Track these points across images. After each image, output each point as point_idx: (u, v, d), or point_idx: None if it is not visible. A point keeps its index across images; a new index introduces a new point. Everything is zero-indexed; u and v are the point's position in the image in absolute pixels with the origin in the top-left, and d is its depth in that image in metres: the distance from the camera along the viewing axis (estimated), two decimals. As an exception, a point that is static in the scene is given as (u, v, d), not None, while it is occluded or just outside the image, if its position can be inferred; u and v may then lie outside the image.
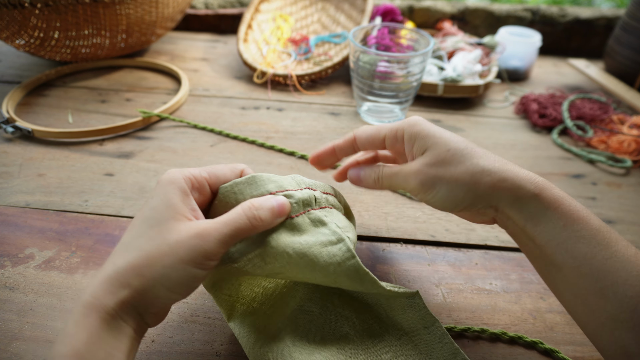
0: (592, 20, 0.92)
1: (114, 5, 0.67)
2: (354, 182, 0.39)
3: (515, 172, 0.32)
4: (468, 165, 0.32)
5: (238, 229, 0.29)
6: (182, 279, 0.27)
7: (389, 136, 0.36)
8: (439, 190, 0.33)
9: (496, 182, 0.31)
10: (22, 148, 0.59)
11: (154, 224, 0.28)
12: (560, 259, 0.30)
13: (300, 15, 0.89)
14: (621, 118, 0.68)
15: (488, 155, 0.33)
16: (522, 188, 0.31)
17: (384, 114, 0.66)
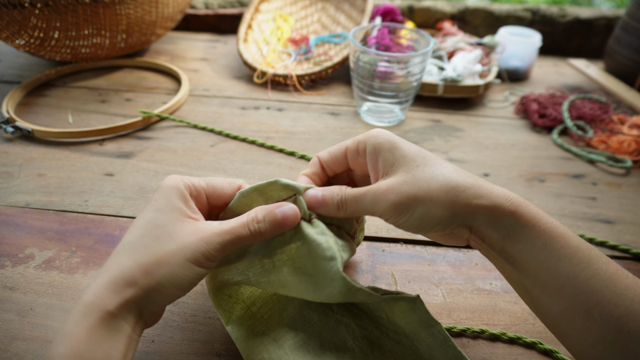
0: (592, 20, 0.92)
1: (114, 5, 0.67)
2: (313, 207, 0.32)
3: (489, 188, 0.30)
4: (441, 181, 0.29)
5: (238, 237, 0.30)
6: (187, 276, 0.28)
7: (350, 149, 0.33)
8: (414, 211, 0.29)
9: (472, 200, 0.29)
10: (22, 148, 0.59)
11: (159, 224, 0.29)
12: (542, 279, 0.28)
13: (300, 15, 0.89)
14: (621, 118, 0.68)
15: (457, 169, 0.31)
16: (498, 206, 0.29)
17: (384, 114, 0.66)
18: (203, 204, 0.33)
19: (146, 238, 0.29)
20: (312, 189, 0.32)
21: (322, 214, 0.32)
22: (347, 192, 0.32)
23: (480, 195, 0.29)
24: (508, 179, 0.57)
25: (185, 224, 0.29)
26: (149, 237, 0.29)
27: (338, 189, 0.32)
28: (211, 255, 0.29)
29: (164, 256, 0.28)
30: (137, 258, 0.28)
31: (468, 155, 0.61)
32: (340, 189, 0.32)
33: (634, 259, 0.47)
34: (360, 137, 0.33)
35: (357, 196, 0.31)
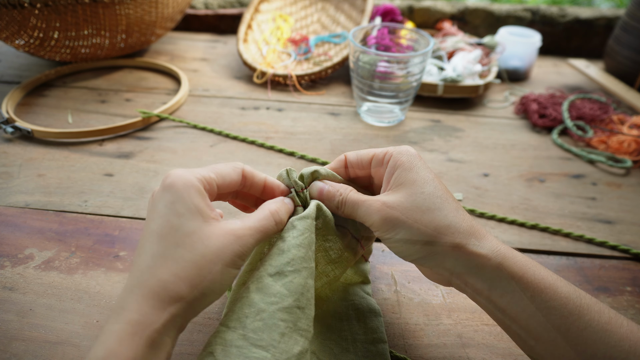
0: (592, 20, 0.92)
1: (113, 6, 0.67)
2: (314, 196, 0.34)
3: (481, 237, 0.30)
4: (436, 216, 0.30)
5: (267, 230, 0.30)
6: (227, 281, 0.28)
7: (376, 157, 0.34)
8: (397, 233, 0.30)
9: (457, 244, 0.29)
10: (21, 148, 0.59)
11: (189, 232, 0.27)
12: (535, 331, 0.28)
13: (300, 15, 0.89)
14: (621, 118, 0.68)
15: (460, 212, 0.31)
16: (483, 256, 0.29)
17: (384, 114, 0.66)
18: (214, 195, 0.31)
19: (181, 249, 0.27)
20: (319, 182, 0.34)
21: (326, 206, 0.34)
22: (349, 196, 0.33)
23: (467, 243, 0.29)
24: (508, 179, 0.57)
25: (213, 227, 0.28)
26: (184, 247, 0.27)
27: (343, 189, 0.33)
28: (245, 255, 0.29)
29: (205, 266, 0.27)
30: (178, 272, 0.26)
31: (468, 156, 0.61)
32: (345, 190, 0.33)
33: (634, 259, 0.47)
34: (389, 149, 0.34)
35: (355, 202, 0.32)
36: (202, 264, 0.27)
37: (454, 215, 0.30)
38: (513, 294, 0.28)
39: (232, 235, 0.28)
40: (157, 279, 0.26)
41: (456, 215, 0.30)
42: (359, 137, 0.64)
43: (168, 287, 0.26)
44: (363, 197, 0.32)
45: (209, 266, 0.27)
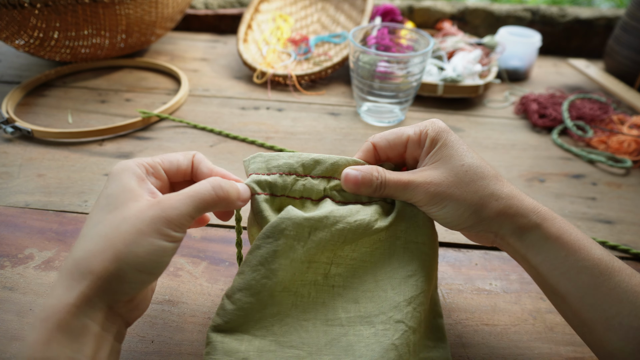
0: (592, 20, 0.92)
1: (113, 6, 0.67)
2: (349, 186, 0.33)
3: (521, 200, 0.31)
4: (478, 186, 0.31)
5: (203, 200, 0.28)
6: (148, 253, 0.26)
7: (412, 139, 0.34)
8: (445, 206, 0.32)
9: (501, 209, 0.31)
10: (21, 148, 0.59)
11: (112, 209, 0.27)
12: (564, 288, 0.30)
13: (300, 15, 0.89)
14: (621, 118, 0.68)
15: (499, 179, 0.32)
16: (525, 217, 0.31)
17: (384, 114, 0.66)
18: (163, 180, 0.31)
19: (99, 225, 0.27)
20: (350, 171, 0.33)
21: (360, 193, 0.34)
22: (388, 176, 0.33)
23: (510, 206, 0.31)
24: (508, 179, 0.57)
25: (140, 202, 0.27)
26: (102, 223, 0.27)
27: (376, 171, 0.33)
28: (171, 222, 0.27)
29: (118, 237, 0.26)
30: (89, 247, 0.26)
31: (468, 156, 0.61)
32: (378, 171, 0.33)
33: (634, 259, 0.47)
34: (421, 128, 0.34)
35: (396, 183, 0.33)
36: (113, 236, 0.26)
37: (494, 182, 0.32)
38: (548, 252, 0.30)
39: (155, 205, 0.27)
40: (72, 259, 0.26)
41: (496, 183, 0.32)
42: (359, 137, 0.63)
43: (79, 263, 0.25)
44: (403, 176, 0.33)
45: (122, 237, 0.26)
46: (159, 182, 0.31)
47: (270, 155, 0.34)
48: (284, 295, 0.31)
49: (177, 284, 0.41)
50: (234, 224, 0.48)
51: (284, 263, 0.31)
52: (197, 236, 0.47)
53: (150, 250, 0.26)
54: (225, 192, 0.30)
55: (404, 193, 0.33)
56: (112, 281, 0.25)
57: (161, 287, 0.41)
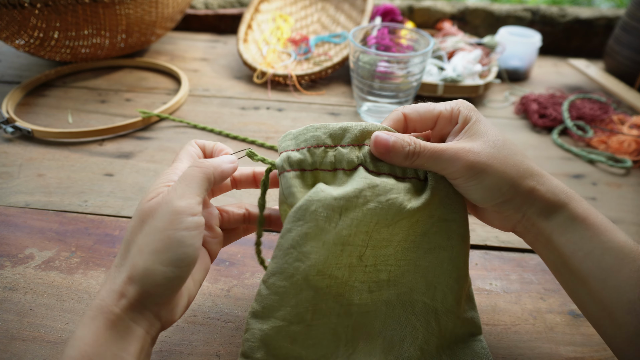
0: (592, 20, 0.92)
1: (113, 6, 0.67)
2: (378, 149, 0.31)
3: (550, 179, 0.31)
4: (517, 159, 0.31)
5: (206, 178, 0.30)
6: (167, 246, 0.27)
7: (443, 115, 0.33)
8: (485, 178, 0.30)
9: (535, 186, 0.31)
10: (21, 148, 0.59)
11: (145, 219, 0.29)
12: (586, 270, 0.29)
13: (300, 15, 0.89)
14: (621, 118, 0.68)
15: (525, 154, 0.32)
16: (554, 196, 0.31)
17: (384, 114, 0.66)
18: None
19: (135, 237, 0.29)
20: (382, 133, 0.32)
21: (386, 160, 0.32)
22: (423, 144, 0.31)
23: (542, 183, 0.31)
24: (508, 179, 0.57)
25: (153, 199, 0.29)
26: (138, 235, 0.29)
27: (409, 138, 0.31)
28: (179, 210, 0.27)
29: (142, 242, 0.27)
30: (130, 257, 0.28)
31: (468, 156, 0.61)
32: (411, 139, 0.31)
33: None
34: (452, 105, 0.33)
35: (434, 151, 0.31)
36: (141, 243, 0.27)
37: (527, 160, 0.32)
38: (574, 232, 0.30)
39: (159, 200, 0.28)
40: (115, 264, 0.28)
41: (529, 160, 0.32)
42: (359, 137, 0.63)
43: (120, 268, 0.28)
44: (438, 145, 0.31)
45: (145, 240, 0.27)
46: None
47: (299, 130, 0.32)
48: (319, 278, 0.31)
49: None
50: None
51: (315, 245, 0.30)
52: (197, 236, 0.47)
53: (167, 242, 0.27)
54: (209, 164, 0.30)
55: (439, 163, 0.31)
56: (147, 285, 0.27)
57: (161, 287, 0.41)
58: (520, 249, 0.47)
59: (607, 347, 0.37)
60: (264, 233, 0.47)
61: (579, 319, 0.40)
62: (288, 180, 0.31)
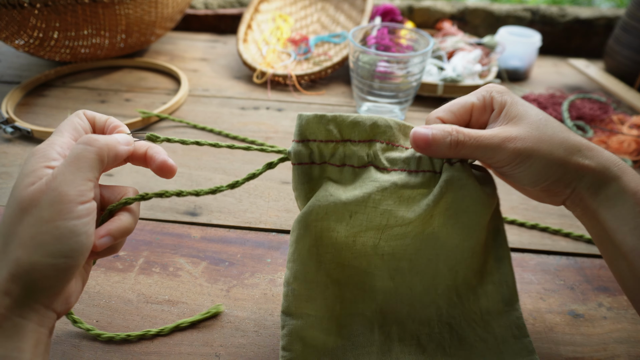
0: (592, 20, 0.92)
1: (113, 6, 0.67)
2: (419, 145, 0.31)
3: (601, 151, 0.31)
4: (562, 138, 0.30)
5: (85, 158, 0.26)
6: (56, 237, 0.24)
7: (477, 106, 0.33)
8: (533, 163, 0.30)
9: (583, 161, 0.30)
10: (21, 148, 0.59)
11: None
12: (631, 244, 0.29)
13: (299, 15, 0.89)
14: (621, 118, 0.68)
15: (568, 129, 0.31)
16: (606, 169, 0.30)
17: (384, 114, 0.66)
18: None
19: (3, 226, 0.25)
20: (420, 127, 0.31)
21: (430, 155, 0.32)
22: (466, 132, 0.31)
23: (591, 157, 0.30)
24: (508, 179, 0.57)
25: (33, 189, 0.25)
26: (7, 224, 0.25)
27: (450, 128, 0.31)
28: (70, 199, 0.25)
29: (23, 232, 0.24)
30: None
31: (468, 155, 0.61)
32: (453, 128, 0.31)
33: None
34: (483, 93, 0.33)
35: (479, 138, 0.30)
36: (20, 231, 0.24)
37: (572, 135, 0.31)
38: (622, 206, 0.29)
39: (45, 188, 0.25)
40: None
41: (574, 135, 0.31)
42: (359, 137, 0.63)
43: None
44: (483, 133, 0.31)
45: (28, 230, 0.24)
46: None
47: (308, 118, 0.32)
48: (339, 270, 0.34)
49: (176, 284, 0.41)
50: (235, 224, 0.48)
51: (329, 244, 0.33)
52: (197, 236, 0.47)
53: (56, 234, 0.24)
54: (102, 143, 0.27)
55: (486, 152, 0.30)
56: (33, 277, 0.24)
57: (161, 287, 0.41)
58: (520, 249, 0.47)
59: (607, 347, 0.37)
60: (274, 235, 0.47)
61: (579, 319, 0.40)
62: (296, 176, 0.33)
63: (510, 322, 0.35)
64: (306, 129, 0.32)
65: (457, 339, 0.34)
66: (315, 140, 0.32)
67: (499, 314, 0.35)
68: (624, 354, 0.37)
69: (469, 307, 0.35)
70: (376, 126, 0.32)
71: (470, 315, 0.35)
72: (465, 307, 0.35)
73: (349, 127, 0.32)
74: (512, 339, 0.34)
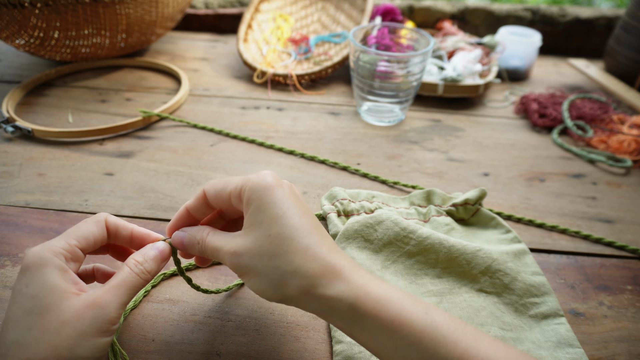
0: (592, 20, 0.92)
1: (113, 5, 0.67)
2: (179, 248, 0.33)
3: (334, 276, 0.28)
4: (281, 261, 0.28)
5: (132, 286, 0.30)
6: (91, 352, 0.27)
7: (233, 194, 0.31)
8: (250, 279, 0.29)
9: (305, 288, 0.28)
10: (22, 148, 0.59)
11: (42, 312, 0.27)
12: None
13: (300, 15, 0.89)
14: (621, 118, 0.68)
15: (311, 251, 0.28)
16: (334, 298, 0.27)
17: (384, 114, 0.66)
18: (81, 259, 0.31)
19: (34, 331, 0.26)
20: (179, 232, 0.34)
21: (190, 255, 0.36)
22: (208, 241, 0.32)
23: (316, 285, 0.28)
24: (508, 178, 0.57)
25: (72, 301, 0.27)
26: (36, 329, 0.26)
27: (200, 236, 0.32)
28: (112, 319, 0.28)
29: (62, 343, 0.26)
30: (30, 355, 0.26)
31: (468, 155, 0.61)
32: (201, 236, 0.32)
33: (634, 257, 0.47)
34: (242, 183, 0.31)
35: (214, 248, 0.31)
36: (57, 343, 0.26)
37: (301, 257, 0.28)
38: (370, 331, 0.27)
39: (90, 304, 0.27)
40: None
41: (304, 257, 0.28)
42: (359, 137, 0.64)
43: None
44: (219, 242, 0.31)
45: (67, 342, 0.26)
46: (78, 264, 0.31)
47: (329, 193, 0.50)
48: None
49: (177, 283, 0.41)
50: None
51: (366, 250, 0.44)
52: (197, 235, 0.47)
53: (92, 349, 0.27)
54: (147, 273, 0.31)
55: (219, 258, 0.31)
56: None
57: (162, 286, 0.41)
58: (520, 248, 0.47)
59: (607, 345, 0.38)
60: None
61: (580, 318, 0.40)
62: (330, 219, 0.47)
63: None
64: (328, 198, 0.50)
65: None
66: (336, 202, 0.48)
67: None
68: (625, 353, 0.37)
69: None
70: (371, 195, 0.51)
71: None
72: None
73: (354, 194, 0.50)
74: None
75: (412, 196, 0.50)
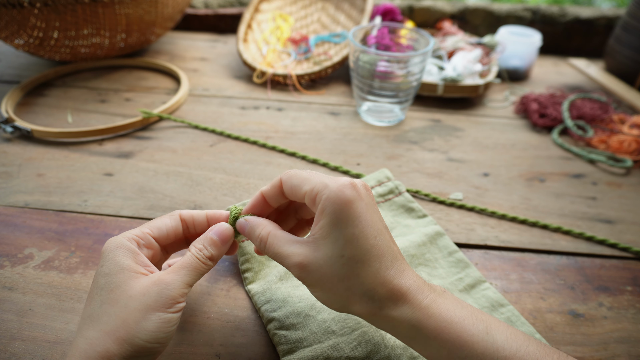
0: (592, 19, 0.92)
1: (113, 5, 0.67)
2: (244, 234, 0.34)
3: (398, 298, 0.28)
4: (351, 284, 0.28)
5: (195, 269, 0.31)
6: (157, 326, 0.28)
7: (308, 195, 0.30)
8: (315, 292, 0.30)
9: (372, 310, 0.29)
10: (21, 148, 0.58)
11: (114, 288, 0.29)
12: None
13: (300, 15, 0.89)
14: (621, 118, 0.68)
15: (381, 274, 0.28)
16: (398, 320, 0.28)
17: (384, 114, 0.66)
18: (155, 248, 0.33)
19: (105, 305, 0.28)
20: (240, 220, 0.34)
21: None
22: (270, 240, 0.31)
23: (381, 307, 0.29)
24: (508, 178, 0.57)
25: (140, 279, 0.29)
26: (107, 303, 0.28)
27: (259, 232, 0.32)
28: (175, 296, 0.29)
29: (130, 316, 0.28)
30: (102, 327, 0.27)
31: (468, 155, 0.61)
32: (261, 233, 0.32)
33: (634, 258, 0.47)
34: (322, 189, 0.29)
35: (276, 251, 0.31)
36: (123, 315, 0.28)
37: (371, 281, 0.28)
38: (431, 350, 0.28)
39: (156, 282, 0.29)
40: (84, 338, 0.28)
41: (374, 281, 0.28)
42: (359, 137, 0.63)
43: (94, 343, 0.27)
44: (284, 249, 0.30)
45: (132, 314, 0.28)
46: (151, 251, 0.33)
47: None
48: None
49: (176, 284, 0.41)
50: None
51: None
52: (196, 236, 0.46)
53: (158, 322, 0.28)
54: (210, 258, 0.32)
55: (280, 261, 0.31)
56: (128, 357, 0.27)
57: (161, 287, 0.41)
58: (520, 249, 0.47)
59: (607, 346, 0.37)
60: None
61: (579, 319, 0.40)
62: None
63: None
64: None
65: None
66: None
67: None
68: (625, 354, 0.37)
69: None
70: None
71: None
72: None
73: None
74: None
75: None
